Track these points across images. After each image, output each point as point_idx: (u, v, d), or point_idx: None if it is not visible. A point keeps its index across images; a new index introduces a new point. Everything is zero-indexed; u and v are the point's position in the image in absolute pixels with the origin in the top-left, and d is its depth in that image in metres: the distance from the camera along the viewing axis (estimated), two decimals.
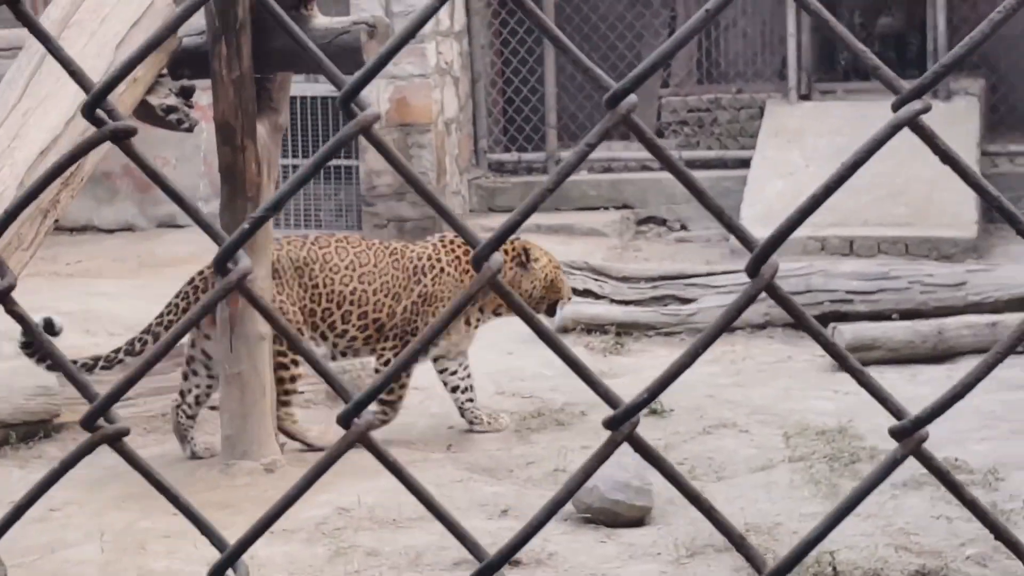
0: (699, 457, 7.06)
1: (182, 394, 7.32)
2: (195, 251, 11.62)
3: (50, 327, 6.90)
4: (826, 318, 9.05)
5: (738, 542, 1.06)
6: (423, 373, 8.53)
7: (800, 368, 8.60)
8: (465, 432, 7.61)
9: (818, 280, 9.29)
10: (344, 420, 1.08)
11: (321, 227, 12.93)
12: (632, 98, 1.04)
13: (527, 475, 6.94)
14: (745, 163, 12.59)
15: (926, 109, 1.01)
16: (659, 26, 14.01)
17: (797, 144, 12.43)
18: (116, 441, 1.05)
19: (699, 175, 12.99)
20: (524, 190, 13.17)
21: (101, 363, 7.19)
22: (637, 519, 6.22)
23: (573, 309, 9.19)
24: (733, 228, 1.10)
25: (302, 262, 7.43)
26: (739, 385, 8.18)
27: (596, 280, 9.53)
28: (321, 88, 12.48)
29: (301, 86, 11.98)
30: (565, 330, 9.26)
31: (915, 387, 8.08)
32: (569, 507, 6.35)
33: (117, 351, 7.24)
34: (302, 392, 7.58)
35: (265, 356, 6.94)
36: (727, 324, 1.09)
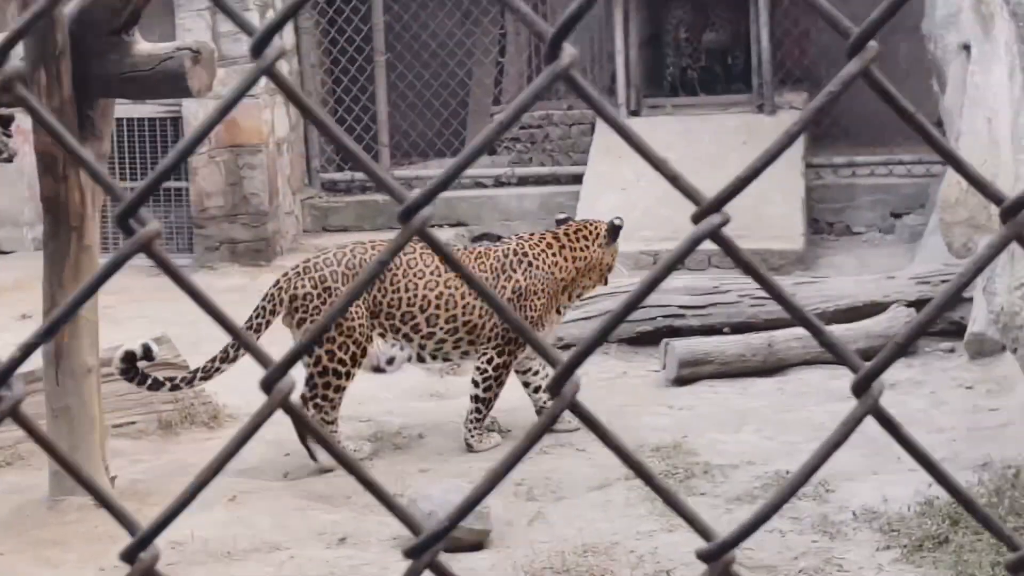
0: (537, 477, 7.07)
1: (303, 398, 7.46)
2: (21, 277, 11.35)
3: (148, 353, 7.10)
4: (659, 333, 9.16)
5: None
6: (260, 399, 8.42)
7: (635, 384, 8.68)
8: (302, 460, 7.53)
9: (651, 296, 9.38)
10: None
11: None
12: (427, 211, 1.03)
13: (365, 501, 6.88)
14: (578, 179, 12.69)
15: (725, 222, 1.01)
16: (489, 44, 14.06)
17: (628, 159, 12.54)
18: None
19: (532, 191, 13.14)
20: (358, 209, 13.11)
21: (199, 374, 7.28)
22: (476, 543, 6.21)
23: None
24: None
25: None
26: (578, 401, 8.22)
27: None
28: (147, 109, 12.27)
29: (126, 107, 11.77)
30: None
31: (747, 400, 8.21)
32: (407, 533, 6.31)
33: (213, 360, 7.26)
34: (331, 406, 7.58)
35: (93, 389, 6.79)
36: None
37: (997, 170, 9.02)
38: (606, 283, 8.15)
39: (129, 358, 7.10)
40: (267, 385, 1.05)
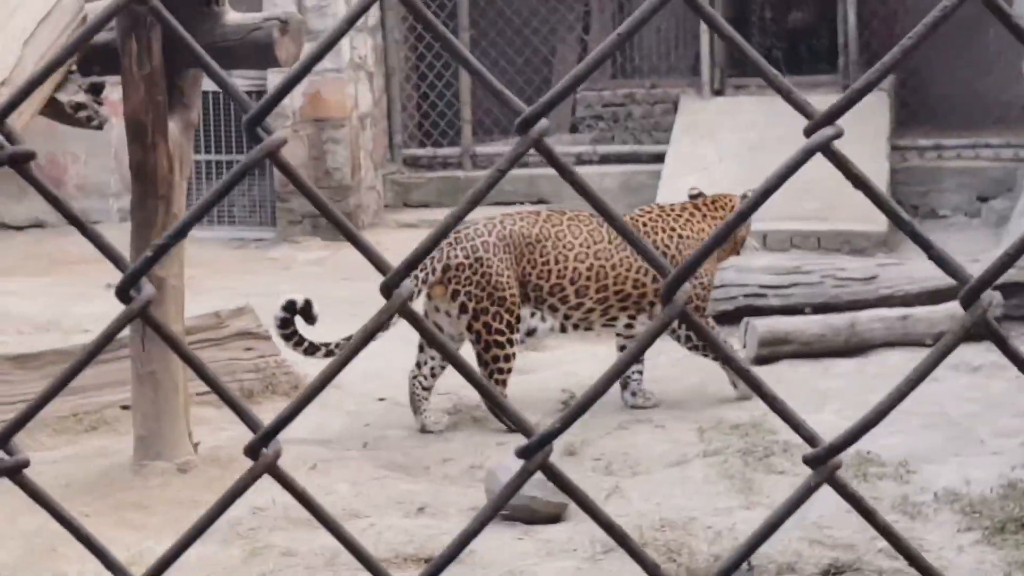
0: (615, 453, 7.08)
1: (418, 365, 7.64)
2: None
3: (293, 309, 7.31)
4: (739, 312, 9.11)
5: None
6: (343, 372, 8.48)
7: (714, 363, 8.65)
8: (381, 431, 7.58)
9: (731, 275, 9.34)
10: (251, 451, 1.06)
11: (234, 224, 12.83)
12: (544, 123, 1.04)
13: (444, 472, 6.93)
14: (659, 158, 12.65)
15: (838, 135, 1.01)
16: (573, 20, 14.04)
17: (710, 139, 12.51)
18: (16, 474, 1.04)
19: (614, 169, 13.11)
20: (439, 185, 13.15)
21: (324, 350, 7.43)
22: (554, 516, 6.23)
23: None
24: (645, 253, 1.10)
25: (534, 239, 7.70)
26: (654, 380, 8.21)
27: None
28: (235, 83, 12.37)
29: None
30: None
31: (828, 381, 8.16)
32: (485, 503, 6.35)
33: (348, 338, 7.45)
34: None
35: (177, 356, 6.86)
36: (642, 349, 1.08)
37: None
38: (738, 254, 8.49)
39: (290, 307, 7.31)
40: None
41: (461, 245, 7.62)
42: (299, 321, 7.38)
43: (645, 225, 8.00)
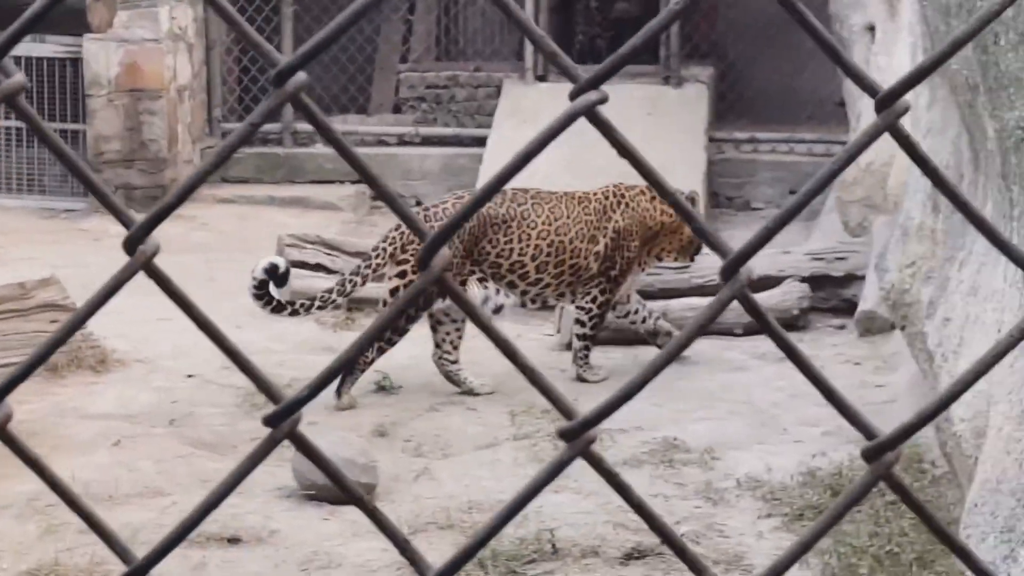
0: (426, 434, 7.07)
1: (437, 345, 7.87)
2: None
3: (275, 272, 7.54)
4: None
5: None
6: (149, 345, 8.32)
7: (529, 347, 8.69)
8: (188, 408, 7.46)
9: None
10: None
11: (44, 193, 12.50)
12: (301, 76, 1.00)
13: (250, 450, 6.83)
14: (481, 141, 12.66)
15: (602, 100, 1.00)
16: (399, 1, 13.96)
17: (533, 124, 12.54)
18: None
19: (435, 151, 13.08)
20: (258, 161, 12.98)
21: (316, 303, 7.72)
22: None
23: (305, 283, 9.10)
24: (406, 218, 1.07)
25: (500, 219, 8.00)
26: (472, 363, 8.22)
27: (329, 255, 9.45)
28: (48, 48, 12.05)
29: (27, 46, 11.54)
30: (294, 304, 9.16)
31: (639, 366, 8.25)
32: (292, 483, 6.29)
33: (330, 291, 7.76)
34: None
35: None
36: (393, 317, 1.05)
37: (895, 152, 9.13)
38: (691, 260, 8.62)
39: (273, 270, 7.54)
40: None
41: (430, 224, 7.68)
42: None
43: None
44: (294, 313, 7.67)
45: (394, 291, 7.84)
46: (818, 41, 1.03)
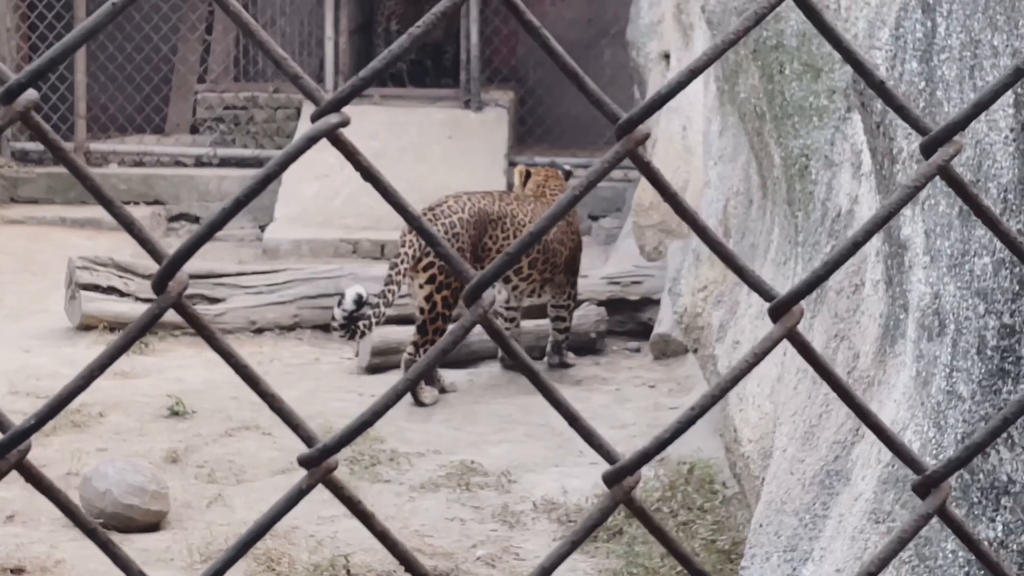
0: (220, 460, 6.94)
1: (415, 344, 8.09)
2: None
3: (360, 301, 7.93)
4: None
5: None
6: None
7: (327, 370, 8.62)
8: None
9: (347, 283, 9.32)
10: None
11: None
12: (31, 93, 0.96)
13: None
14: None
15: (343, 122, 0.98)
16: (196, 20, 13.77)
17: (332, 147, 12.47)
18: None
19: (234, 173, 12.91)
20: (50, 181, 12.66)
21: (373, 322, 7.96)
22: (152, 524, 6.06)
23: (95, 306, 8.89)
24: (141, 239, 1.04)
25: (496, 216, 8.33)
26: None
27: (121, 277, 9.25)
28: None
29: None
30: (87, 327, 8.95)
31: (432, 391, 8.24)
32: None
33: (376, 306, 7.95)
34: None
35: None
36: (139, 332, 1.02)
37: (689, 176, 9.30)
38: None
39: (359, 300, 7.88)
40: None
41: (440, 221, 8.16)
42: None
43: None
44: (362, 335, 8.06)
45: (428, 297, 8.07)
46: (562, 67, 1.02)
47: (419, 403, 7.84)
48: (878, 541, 3.01)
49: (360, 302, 7.97)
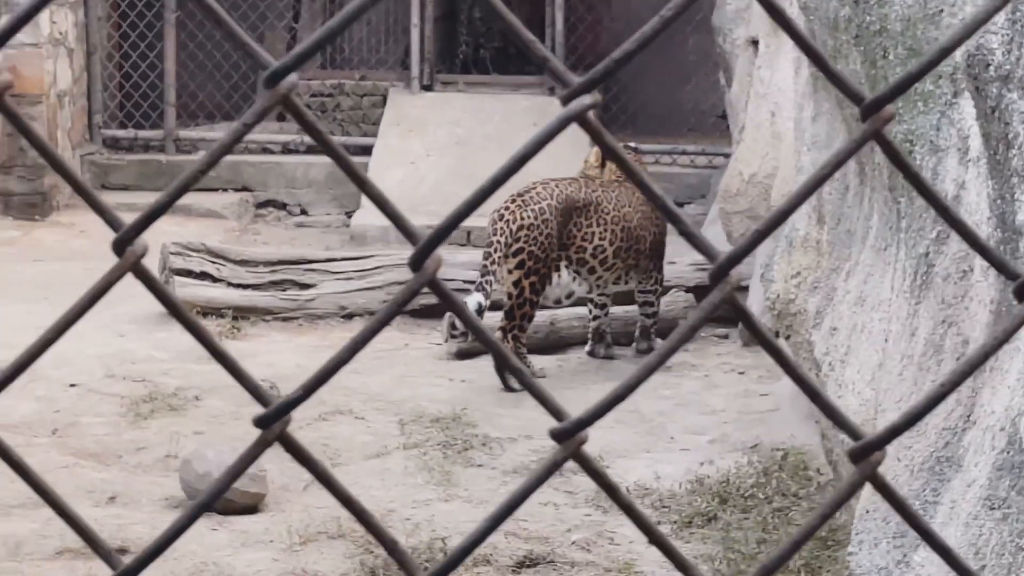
0: (314, 443, 7.01)
1: (502, 330, 8.08)
2: None
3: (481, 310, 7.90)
4: (442, 306, 9.15)
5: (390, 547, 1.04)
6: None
7: (417, 356, 8.68)
8: (73, 416, 7.34)
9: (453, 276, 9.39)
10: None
11: None
12: (293, 78, 1.00)
13: (137, 461, 6.75)
14: (367, 150, 12.62)
15: (595, 104, 1.00)
16: (283, 9, 13.89)
17: (418, 133, 12.55)
18: None
19: (320, 160, 12.99)
20: (140, 168, 12.82)
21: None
22: (250, 506, 6.14)
23: (189, 292, 9.00)
24: (395, 218, 1.07)
25: (582, 203, 8.34)
26: (356, 372, 8.17)
27: (213, 263, 9.36)
28: None
29: None
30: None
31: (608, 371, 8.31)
32: (180, 494, 6.22)
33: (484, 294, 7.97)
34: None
35: None
36: (389, 317, 1.05)
37: (778, 163, 9.26)
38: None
39: (480, 311, 7.89)
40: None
41: (529, 207, 8.18)
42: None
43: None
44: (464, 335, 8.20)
45: (516, 283, 8.09)
46: (803, 49, 1.04)
47: (509, 389, 7.88)
48: (993, 527, 3.01)
49: (481, 311, 7.98)
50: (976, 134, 3.69)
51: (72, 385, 7.81)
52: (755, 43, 10.16)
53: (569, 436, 1.03)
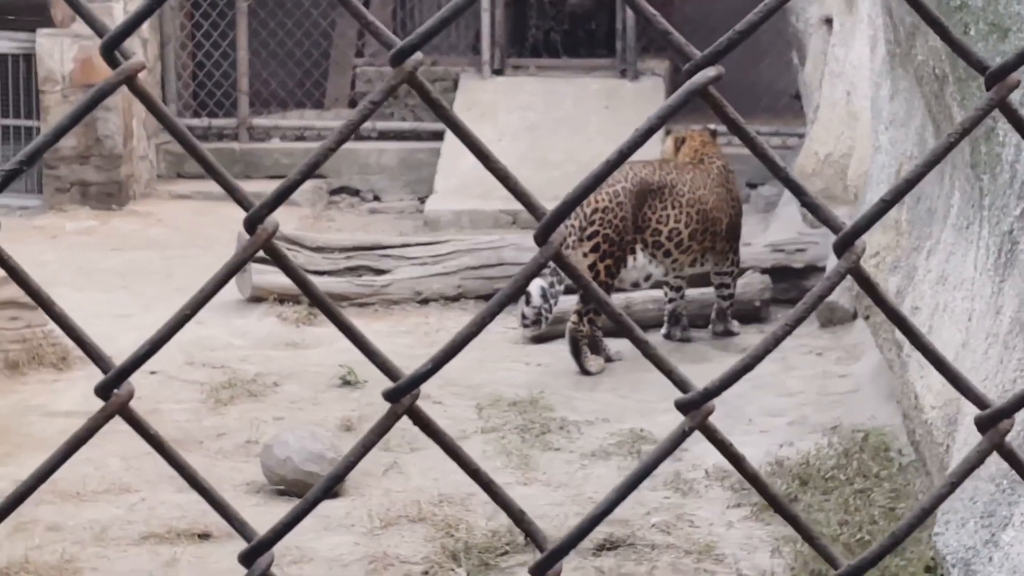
0: (393, 428, 7.03)
1: (577, 314, 8.00)
2: None
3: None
4: (518, 291, 9.17)
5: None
6: (110, 341, 8.27)
7: (493, 340, 8.68)
8: (154, 403, 7.41)
9: (510, 253, 9.39)
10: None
11: None
12: (418, 56, 1.00)
13: (218, 447, 6.81)
14: (439, 135, 12.65)
15: (719, 76, 1.00)
16: None
17: (490, 118, 12.55)
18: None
19: (392, 146, 13.05)
20: (214, 156, 12.77)
21: (544, 311, 8.16)
22: (332, 491, 6.17)
23: (265, 279, 9.06)
24: (521, 195, 1.07)
25: (656, 186, 8.35)
26: (431, 355, 8.21)
27: (289, 249, 9.40)
28: (1, 45, 11.93)
29: None
30: (258, 299, 9.12)
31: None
32: (261, 479, 6.26)
33: (552, 286, 8.14)
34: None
35: None
36: (516, 292, 1.05)
37: (854, 143, 9.18)
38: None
39: (544, 295, 8.04)
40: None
41: (604, 189, 8.21)
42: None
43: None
44: (547, 321, 8.24)
45: (592, 266, 8.13)
46: (925, 18, 1.03)
47: (585, 372, 7.87)
48: None
49: (545, 295, 8.08)
50: None
51: (152, 372, 7.88)
52: (829, 22, 10.08)
53: (696, 407, 1.03)
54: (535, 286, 8.06)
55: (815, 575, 5.19)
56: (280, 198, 1.00)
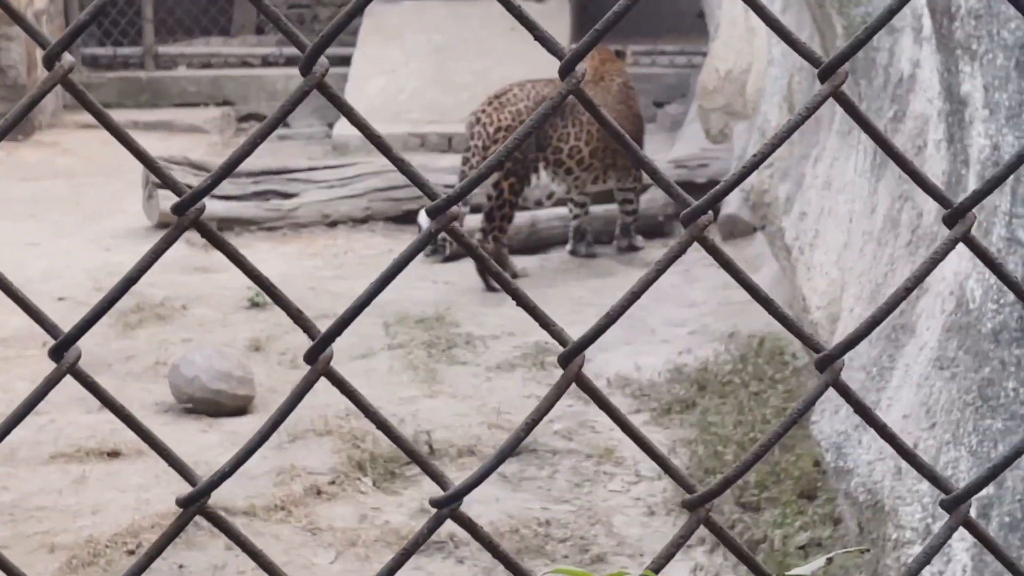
0: (299, 347, 7.13)
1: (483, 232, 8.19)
2: None
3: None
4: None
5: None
6: (18, 269, 8.29)
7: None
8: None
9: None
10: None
11: None
12: None
13: (127, 369, 6.87)
14: (346, 60, 12.64)
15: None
16: None
17: (398, 41, 12.57)
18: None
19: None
20: (121, 85, 12.84)
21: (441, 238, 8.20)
22: (240, 408, 6.27)
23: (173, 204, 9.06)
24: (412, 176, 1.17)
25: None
26: (342, 277, 8.29)
27: (196, 175, 9.42)
28: None
29: None
30: (165, 225, 9.15)
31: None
32: (169, 398, 6.35)
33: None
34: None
35: None
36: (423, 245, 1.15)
37: (752, 57, 9.32)
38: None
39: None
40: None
41: (506, 108, 8.34)
42: None
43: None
44: (444, 245, 8.38)
45: (496, 184, 8.23)
46: (762, 18, 1.14)
47: (491, 289, 7.99)
48: (942, 387, 3.13)
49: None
50: (927, 12, 3.78)
51: (60, 299, 7.92)
52: None
53: (572, 359, 1.15)
54: (422, 216, 8.18)
55: (709, 472, 5.36)
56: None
